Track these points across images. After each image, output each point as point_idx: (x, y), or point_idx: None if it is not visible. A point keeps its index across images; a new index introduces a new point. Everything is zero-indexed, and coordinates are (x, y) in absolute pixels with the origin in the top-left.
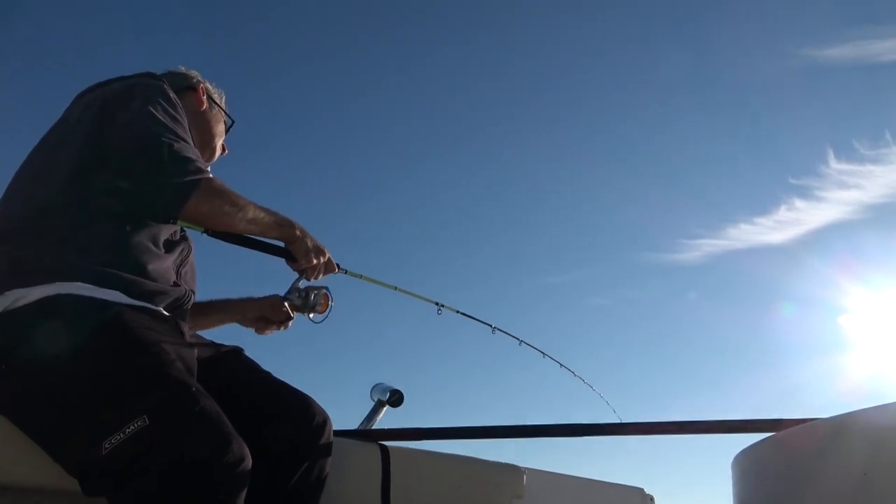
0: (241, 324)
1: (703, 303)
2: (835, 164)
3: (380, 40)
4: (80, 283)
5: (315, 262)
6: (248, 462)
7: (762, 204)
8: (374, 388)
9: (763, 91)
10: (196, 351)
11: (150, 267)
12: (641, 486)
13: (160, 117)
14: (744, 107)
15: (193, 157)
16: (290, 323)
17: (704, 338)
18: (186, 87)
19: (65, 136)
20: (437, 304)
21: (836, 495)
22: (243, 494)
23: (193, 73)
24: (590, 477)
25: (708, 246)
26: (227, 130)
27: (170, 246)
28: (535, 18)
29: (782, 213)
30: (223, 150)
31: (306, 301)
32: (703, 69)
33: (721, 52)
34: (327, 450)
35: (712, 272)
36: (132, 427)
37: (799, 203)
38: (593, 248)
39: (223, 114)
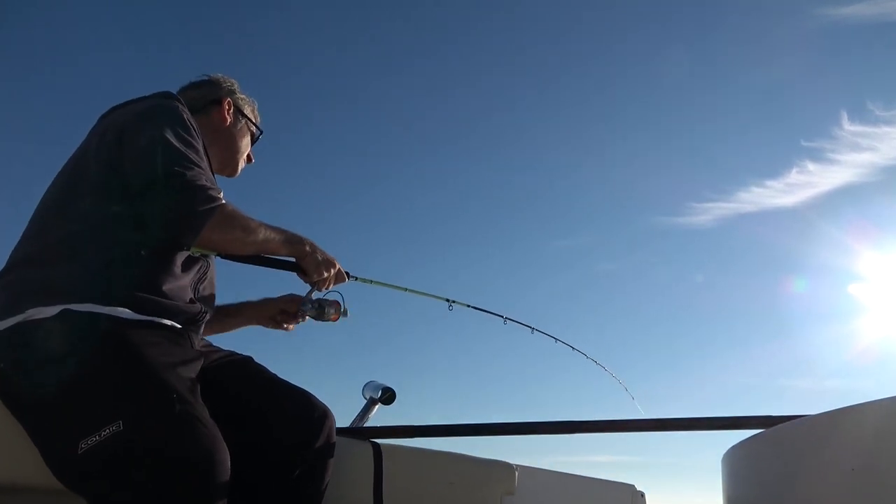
0: (262, 324)
1: (712, 268)
2: (848, 126)
3: (388, 31)
4: (90, 304)
5: (325, 275)
6: (226, 468)
7: (773, 167)
8: (365, 385)
9: (776, 52)
10: (202, 360)
11: (165, 287)
12: (632, 483)
13: (174, 143)
14: (756, 68)
15: (207, 184)
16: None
17: (714, 303)
18: (212, 101)
19: (85, 164)
20: (447, 300)
21: (824, 491)
22: (220, 500)
23: (227, 83)
24: (581, 473)
25: (718, 209)
26: (254, 140)
27: (188, 264)
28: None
29: (794, 175)
30: (249, 160)
31: (320, 312)
32: (714, 29)
33: (735, 12)
34: (329, 438)
35: (722, 236)
36: (107, 431)
37: (811, 166)
38: (601, 214)
39: (251, 125)
